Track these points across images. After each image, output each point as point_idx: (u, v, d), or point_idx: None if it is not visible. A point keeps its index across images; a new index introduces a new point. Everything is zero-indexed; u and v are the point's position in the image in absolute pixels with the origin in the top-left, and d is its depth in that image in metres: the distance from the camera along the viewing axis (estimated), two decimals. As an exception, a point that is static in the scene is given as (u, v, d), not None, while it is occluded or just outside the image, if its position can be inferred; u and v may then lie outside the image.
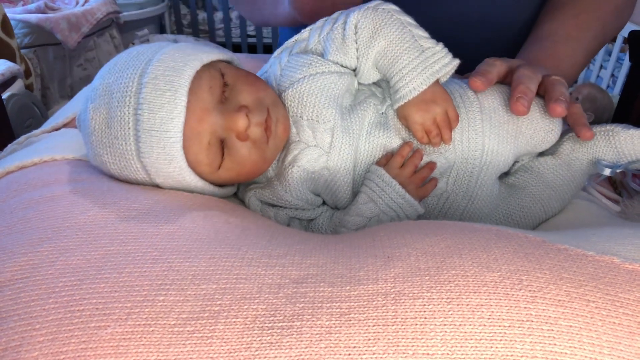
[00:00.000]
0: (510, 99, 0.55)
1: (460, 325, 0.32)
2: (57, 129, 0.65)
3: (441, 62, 0.55)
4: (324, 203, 0.59)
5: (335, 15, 0.58)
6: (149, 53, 0.49)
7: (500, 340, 0.31)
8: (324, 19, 0.59)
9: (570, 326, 0.32)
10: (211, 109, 0.49)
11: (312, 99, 0.54)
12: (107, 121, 0.47)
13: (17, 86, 1.60)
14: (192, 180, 0.50)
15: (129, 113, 0.46)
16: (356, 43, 0.56)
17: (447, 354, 0.31)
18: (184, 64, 0.48)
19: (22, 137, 0.64)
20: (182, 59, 0.49)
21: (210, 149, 0.49)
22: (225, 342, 0.32)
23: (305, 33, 0.60)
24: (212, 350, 0.31)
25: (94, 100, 0.48)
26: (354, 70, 0.58)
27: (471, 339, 0.31)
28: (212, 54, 0.51)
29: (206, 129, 0.48)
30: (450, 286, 0.34)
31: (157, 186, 0.50)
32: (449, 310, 0.33)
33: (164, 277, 0.35)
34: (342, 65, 0.57)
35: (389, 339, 0.32)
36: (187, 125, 0.47)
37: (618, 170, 0.57)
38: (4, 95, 1.47)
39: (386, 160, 0.56)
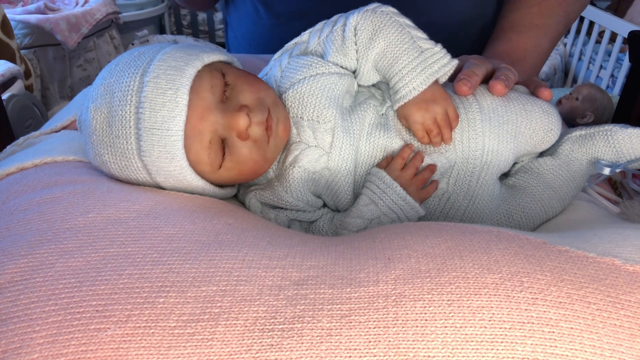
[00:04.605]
0: (455, 80, 0.58)
1: (461, 327, 0.32)
2: (55, 132, 0.65)
3: (440, 62, 0.55)
4: (324, 205, 0.59)
5: (334, 17, 0.59)
6: (151, 53, 0.49)
7: (501, 342, 0.31)
8: (323, 21, 0.59)
9: (572, 328, 0.32)
10: (212, 108, 0.49)
11: (313, 99, 0.54)
12: (108, 120, 0.47)
13: (17, 87, 1.60)
14: (192, 179, 0.50)
15: (130, 112, 0.46)
16: (356, 45, 0.56)
17: (448, 356, 0.31)
18: (186, 64, 0.48)
19: (21, 139, 0.64)
20: (183, 58, 0.49)
21: (211, 148, 0.49)
22: (225, 345, 0.32)
23: (305, 35, 0.60)
24: (213, 352, 0.31)
25: (95, 100, 0.48)
26: (354, 72, 0.59)
27: (472, 341, 0.31)
28: (214, 54, 0.52)
29: (207, 128, 0.48)
30: (451, 288, 0.34)
31: (158, 186, 0.50)
32: (450, 312, 0.33)
33: (164, 279, 0.35)
34: (342, 67, 0.57)
35: (389, 341, 0.32)
36: (189, 123, 0.47)
37: (617, 170, 0.57)
38: (4, 96, 1.47)
39: (387, 162, 0.56)
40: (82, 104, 0.52)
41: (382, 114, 0.58)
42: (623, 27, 2.10)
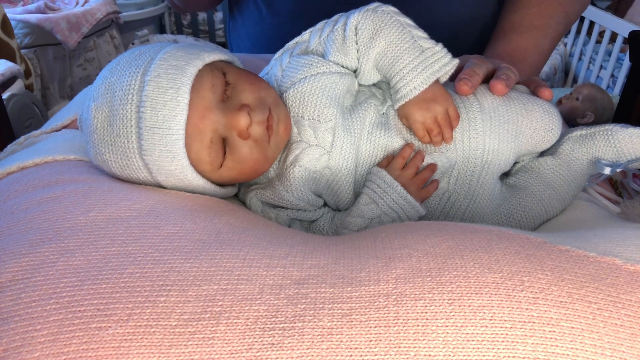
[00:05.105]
0: (455, 80, 0.58)
1: (462, 326, 0.32)
2: (56, 131, 0.65)
3: (441, 61, 0.55)
4: (325, 205, 0.59)
5: (335, 17, 0.59)
6: (151, 52, 0.49)
7: (502, 341, 0.31)
8: (324, 21, 0.59)
9: (572, 327, 0.32)
10: (213, 107, 0.49)
11: (314, 98, 0.55)
12: (109, 119, 0.47)
13: (17, 86, 1.60)
14: (193, 178, 0.50)
15: (131, 111, 0.46)
16: (357, 44, 0.56)
17: (449, 355, 0.31)
18: (187, 63, 0.48)
19: (22, 138, 0.64)
20: (184, 57, 0.49)
21: (212, 147, 0.49)
22: (226, 343, 0.32)
23: (305, 35, 0.60)
24: (214, 351, 0.31)
25: (95, 99, 0.48)
26: (355, 71, 0.59)
27: (473, 340, 0.31)
28: (214, 53, 0.52)
29: (208, 127, 0.49)
30: (452, 287, 0.34)
31: (158, 185, 0.50)
32: (451, 312, 0.33)
33: (165, 278, 0.35)
34: (343, 66, 0.57)
35: (390, 340, 0.32)
36: (190, 123, 0.47)
37: (618, 170, 0.57)
38: (4, 96, 1.47)
39: (387, 161, 0.56)
40: (83, 103, 0.52)
41: (383, 113, 0.58)
42: (623, 27, 2.10)
